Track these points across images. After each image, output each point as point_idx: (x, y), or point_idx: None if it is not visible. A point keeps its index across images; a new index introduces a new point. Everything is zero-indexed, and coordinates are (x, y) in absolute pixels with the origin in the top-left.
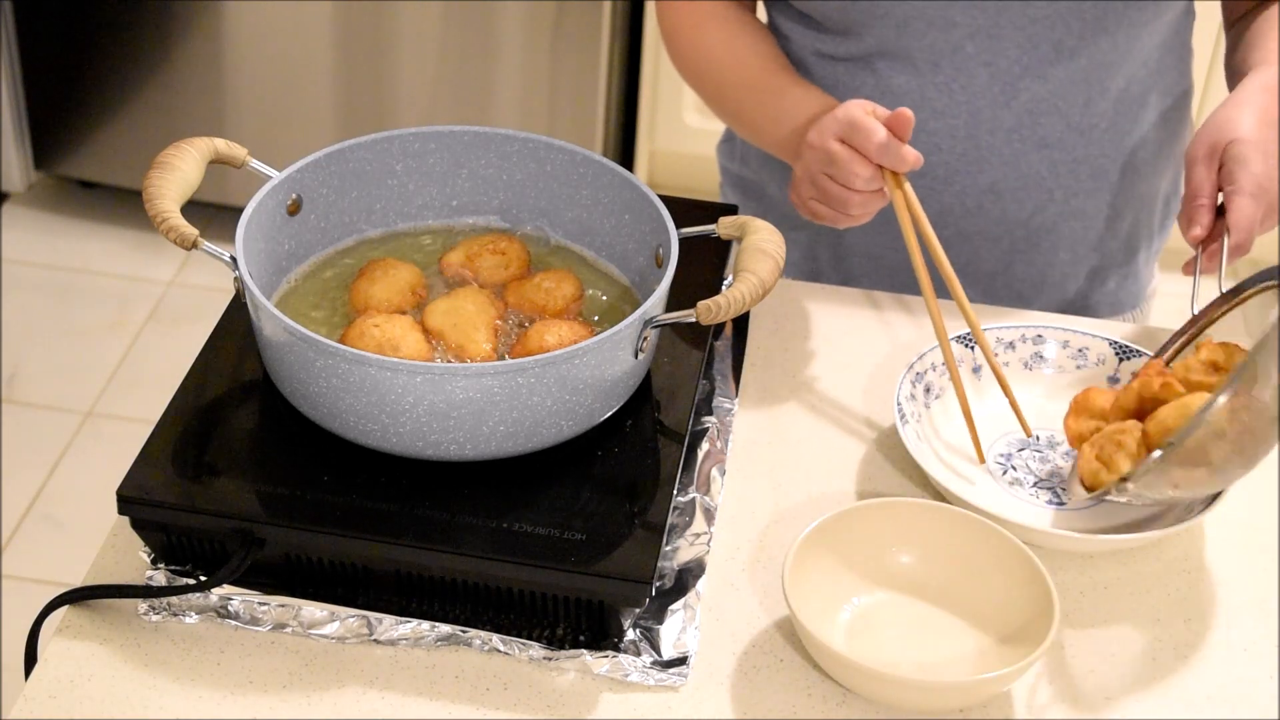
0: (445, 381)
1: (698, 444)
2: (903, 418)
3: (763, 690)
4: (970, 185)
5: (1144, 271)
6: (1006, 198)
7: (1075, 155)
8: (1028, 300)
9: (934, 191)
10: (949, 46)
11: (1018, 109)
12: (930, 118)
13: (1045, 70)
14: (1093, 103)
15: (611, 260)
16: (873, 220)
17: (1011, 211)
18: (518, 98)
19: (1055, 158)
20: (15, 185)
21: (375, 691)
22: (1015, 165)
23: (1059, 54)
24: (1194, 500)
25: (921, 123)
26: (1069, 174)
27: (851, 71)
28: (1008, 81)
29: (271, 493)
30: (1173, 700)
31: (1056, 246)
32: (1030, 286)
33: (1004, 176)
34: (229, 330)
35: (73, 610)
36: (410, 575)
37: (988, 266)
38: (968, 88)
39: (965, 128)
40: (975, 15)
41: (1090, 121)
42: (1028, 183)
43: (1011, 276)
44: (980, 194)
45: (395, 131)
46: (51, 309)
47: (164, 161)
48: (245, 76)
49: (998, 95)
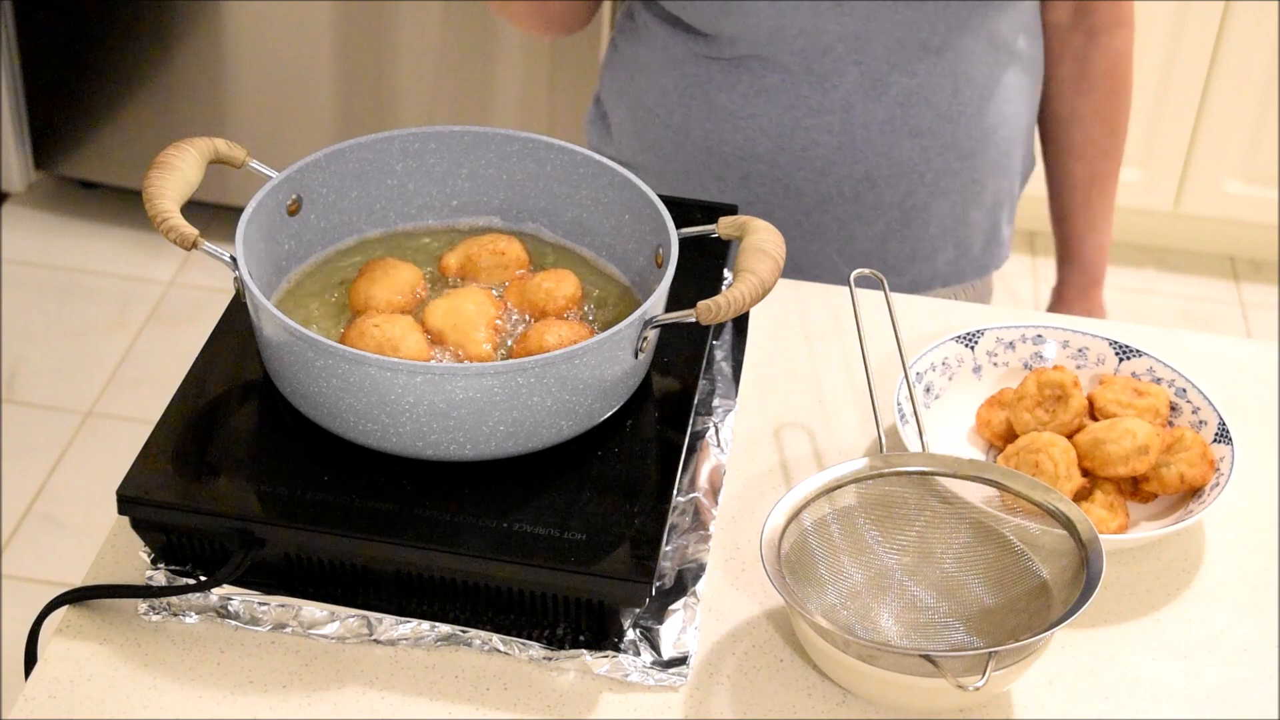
0: (445, 381)
1: (698, 444)
2: (903, 418)
3: (763, 690)
4: (847, 175)
5: (1004, 231)
6: (881, 185)
7: (944, 141)
8: (900, 272)
9: (811, 182)
10: (819, 49)
11: (889, 102)
12: (806, 115)
13: (913, 66)
14: (960, 91)
15: (611, 260)
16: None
17: (886, 197)
18: (518, 98)
19: (925, 144)
20: (15, 185)
21: (375, 691)
22: (888, 154)
23: (926, 51)
24: None
25: (797, 120)
26: (938, 158)
27: (725, 70)
28: (877, 78)
29: (271, 493)
30: (1173, 700)
31: (927, 223)
32: (904, 260)
33: (878, 165)
34: (229, 330)
35: (73, 610)
36: (410, 575)
37: (863, 246)
38: (840, 85)
39: (840, 122)
40: (844, 21)
41: (958, 109)
42: (900, 170)
43: (886, 253)
44: (856, 182)
45: (395, 131)
46: (51, 309)
47: (164, 161)
48: (245, 76)
49: (869, 90)
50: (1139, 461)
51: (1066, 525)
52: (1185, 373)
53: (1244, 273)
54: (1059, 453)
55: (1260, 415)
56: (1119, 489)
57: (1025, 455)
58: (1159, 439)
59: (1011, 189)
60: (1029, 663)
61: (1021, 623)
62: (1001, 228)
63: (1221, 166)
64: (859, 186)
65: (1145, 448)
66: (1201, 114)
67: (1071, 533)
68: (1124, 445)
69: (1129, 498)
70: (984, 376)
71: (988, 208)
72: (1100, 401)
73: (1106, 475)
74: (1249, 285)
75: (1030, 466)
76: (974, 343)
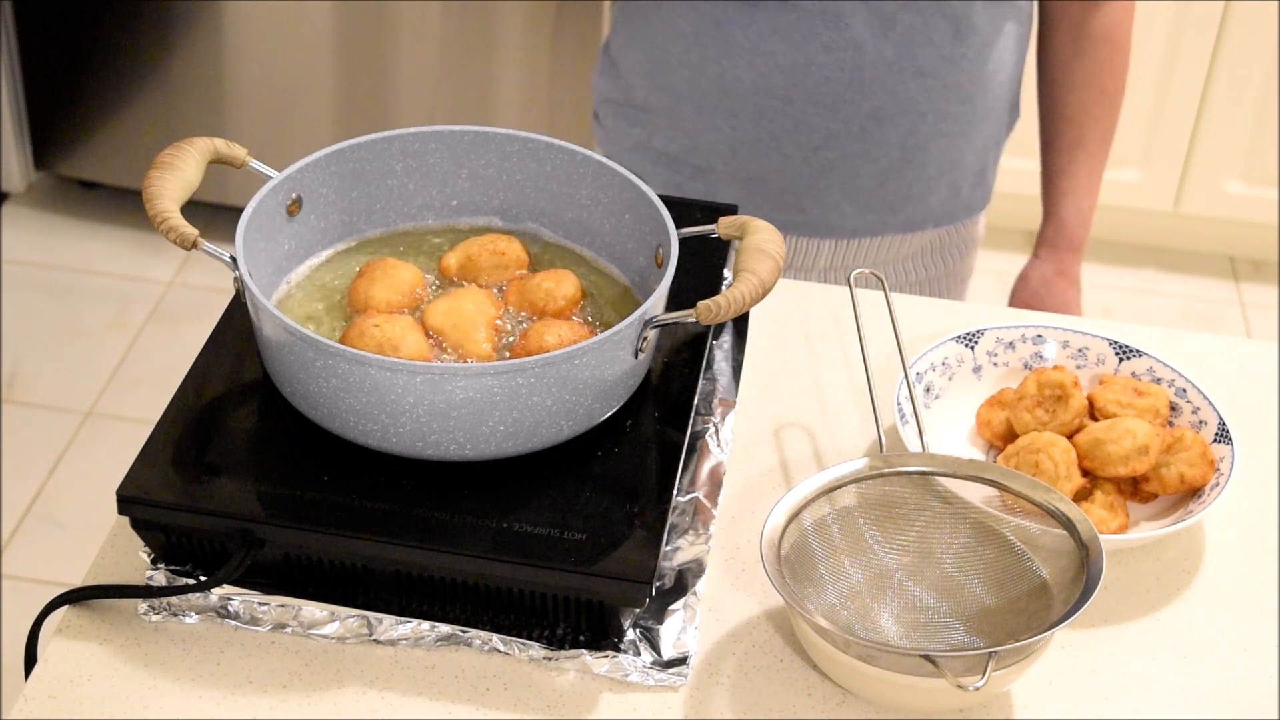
0: (445, 381)
1: (698, 444)
2: (903, 418)
3: (763, 690)
4: (855, 112)
5: (990, 174)
6: (886, 123)
7: (946, 82)
8: (896, 210)
9: (821, 118)
10: None
11: (896, 41)
12: (819, 52)
13: (919, 3)
14: (962, 35)
15: (611, 260)
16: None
17: (890, 135)
18: (518, 98)
19: (929, 85)
20: (15, 185)
21: (375, 691)
22: (894, 93)
23: None
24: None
25: (810, 56)
26: (940, 99)
27: (743, 9)
28: (886, 16)
29: (271, 493)
30: (1172, 700)
31: (925, 163)
32: (900, 199)
33: (885, 104)
34: (229, 330)
35: (73, 610)
36: (410, 575)
37: (864, 184)
38: (851, 24)
39: (851, 60)
40: None
41: (960, 52)
42: (905, 108)
43: (885, 192)
44: (864, 119)
45: (395, 131)
46: (51, 309)
47: (164, 161)
48: (245, 76)
49: (879, 29)
50: (1139, 461)
51: (1066, 525)
52: (1185, 373)
53: (1244, 273)
54: (1059, 453)
55: (1260, 415)
56: (1119, 489)
57: (1025, 455)
58: (1159, 439)
59: (999, 135)
60: (1029, 663)
61: (1021, 623)
62: (988, 170)
63: (1221, 166)
64: (866, 123)
65: (1145, 448)
66: (1201, 114)
67: (1071, 533)
68: (1124, 445)
69: (1129, 498)
70: (984, 376)
71: (978, 150)
72: (1100, 401)
73: (1106, 475)
74: (1249, 285)
75: (1030, 466)
76: (974, 343)
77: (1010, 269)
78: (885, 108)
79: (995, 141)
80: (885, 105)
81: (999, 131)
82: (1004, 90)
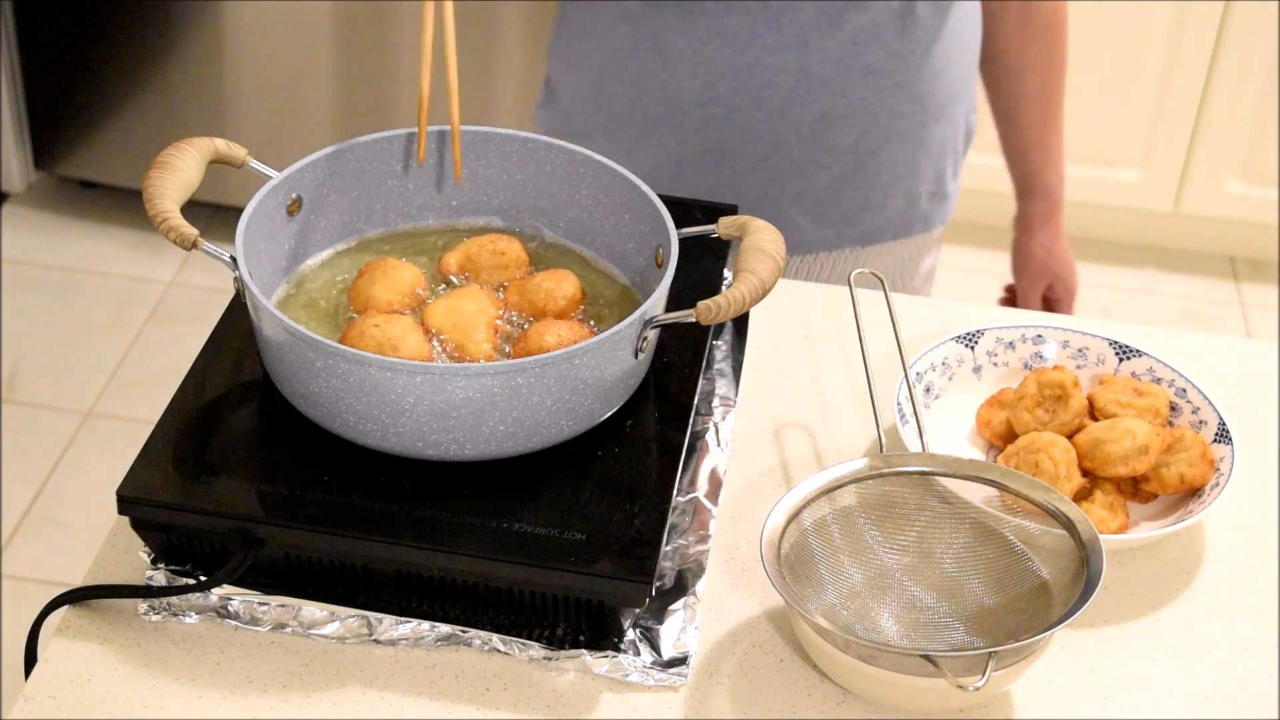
0: (445, 381)
1: (698, 444)
2: (903, 418)
3: (763, 690)
4: (803, 115)
5: (950, 185)
6: (837, 125)
7: (896, 80)
8: (852, 221)
9: (768, 124)
10: None
11: (842, 39)
12: (763, 53)
13: (865, 1)
14: (908, 30)
15: (611, 260)
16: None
17: (841, 138)
18: (518, 98)
19: (879, 84)
20: (15, 185)
21: (375, 691)
22: (843, 93)
23: None
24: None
25: (755, 58)
26: (890, 98)
27: (682, 16)
28: (831, 13)
29: (271, 493)
30: (1172, 700)
31: (880, 169)
32: (856, 209)
33: (834, 105)
34: (229, 330)
35: (73, 610)
36: (410, 575)
37: (817, 193)
38: (795, 21)
39: (796, 60)
40: None
41: (908, 47)
42: (855, 108)
43: (840, 200)
44: (813, 123)
45: (395, 131)
46: (51, 309)
47: (164, 161)
48: (245, 76)
49: (824, 26)
50: (1139, 461)
51: (1066, 525)
52: (1185, 373)
53: (1244, 273)
54: (1059, 453)
55: (1260, 415)
56: (1119, 489)
57: (1025, 455)
58: (1159, 439)
59: (956, 141)
60: (1029, 663)
61: (1021, 623)
62: (947, 180)
63: (1221, 166)
64: (815, 127)
65: (1145, 448)
66: (1201, 114)
67: (1071, 533)
68: (1124, 445)
69: (1129, 498)
70: (984, 376)
71: (934, 155)
72: (1100, 401)
73: (1106, 475)
74: (1249, 285)
75: (1030, 466)
76: (974, 343)
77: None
78: (835, 109)
79: (953, 149)
80: (835, 107)
81: (955, 137)
82: (955, 92)
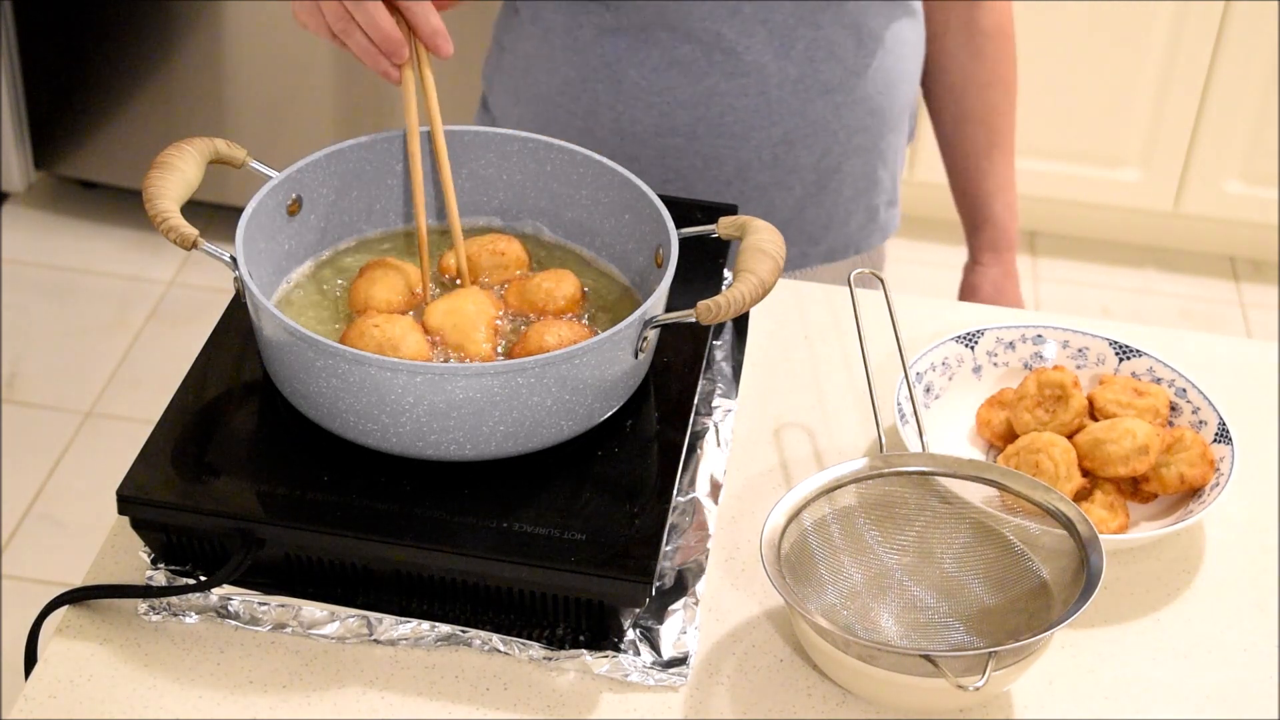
0: (445, 381)
1: (698, 444)
2: (903, 418)
3: (763, 690)
4: (765, 139)
5: (898, 191)
6: (798, 146)
7: (854, 96)
8: (817, 241)
9: (731, 150)
10: (727, 10)
11: (798, 59)
12: (721, 80)
13: (817, 18)
14: (863, 43)
15: (611, 260)
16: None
17: (803, 159)
18: None
19: (838, 101)
20: (15, 185)
21: (375, 691)
22: (803, 113)
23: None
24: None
25: (713, 86)
26: (850, 114)
27: (634, 46)
28: (785, 33)
29: (271, 493)
30: (1172, 700)
31: (841, 186)
32: (819, 228)
33: (795, 126)
34: (229, 330)
35: (73, 610)
36: (410, 575)
37: (782, 215)
38: (751, 47)
39: (755, 85)
40: None
41: (863, 62)
42: (815, 128)
43: (804, 221)
44: (774, 146)
45: (395, 131)
46: (51, 309)
47: (164, 161)
48: (245, 76)
49: (779, 48)
50: (1139, 461)
51: (1066, 525)
52: (1185, 373)
53: (1244, 273)
54: (1059, 453)
55: (1260, 415)
56: (1119, 489)
57: (1025, 455)
58: (1159, 439)
59: (901, 146)
60: (1029, 663)
61: (1021, 623)
62: (899, 186)
63: (1221, 166)
64: (777, 150)
65: (1145, 448)
66: (1201, 114)
67: (1071, 533)
68: (1124, 445)
69: (1129, 498)
70: (984, 376)
71: (890, 164)
72: (1100, 401)
73: (1106, 475)
74: (1249, 285)
75: (1030, 466)
76: (974, 343)
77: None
78: (796, 130)
79: (902, 154)
80: (796, 128)
81: (901, 142)
82: (907, 100)
